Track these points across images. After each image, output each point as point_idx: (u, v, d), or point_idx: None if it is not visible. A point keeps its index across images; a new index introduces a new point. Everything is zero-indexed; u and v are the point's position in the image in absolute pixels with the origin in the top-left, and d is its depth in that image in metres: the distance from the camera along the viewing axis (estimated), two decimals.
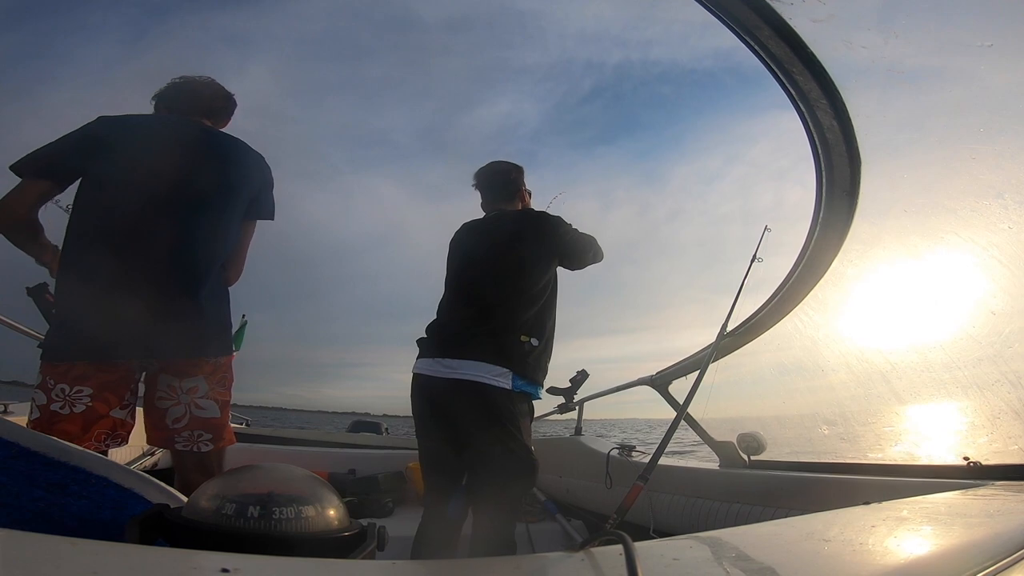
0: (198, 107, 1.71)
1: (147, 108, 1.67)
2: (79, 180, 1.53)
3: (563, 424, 3.64)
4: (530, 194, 2.23)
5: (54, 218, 1.59)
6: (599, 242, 2.14)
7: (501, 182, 2.17)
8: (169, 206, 1.54)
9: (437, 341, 1.87)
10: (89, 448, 1.36)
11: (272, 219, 1.81)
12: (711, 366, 2.10)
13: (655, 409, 2.67)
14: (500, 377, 1.71)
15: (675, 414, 2.05)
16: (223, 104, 1.77)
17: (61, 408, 1.38)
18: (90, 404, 1.41)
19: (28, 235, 1.54)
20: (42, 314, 1.94)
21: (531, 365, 1.79)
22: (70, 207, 1.59)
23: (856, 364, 2.02)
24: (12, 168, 1.47)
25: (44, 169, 1.49)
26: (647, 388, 2.69)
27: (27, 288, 1.94)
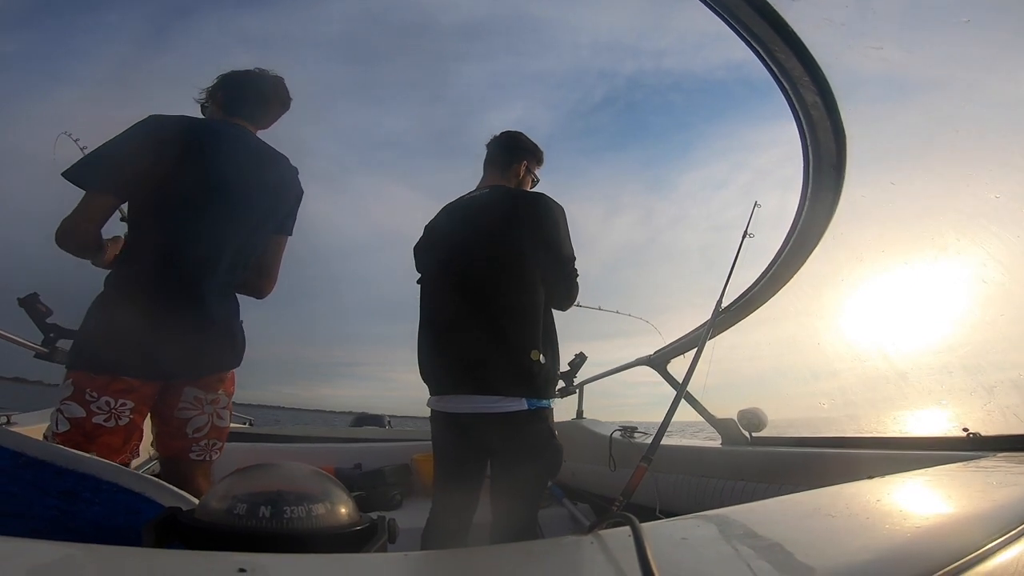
0: (257, 113, 1.70)
1: (159, 108, 1.60)
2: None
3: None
4: (534, 181, 1.99)
5: None
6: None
7: (502, 145, 1.95)
8: (212, 218, 1.53)
9: (436, 373, 1.75)
10: (123, 460, 1.36)
11: (291, 235, 1.80)
12: (708, 345, 2.11)
13: (651, 413, 2.66)
14: (514, 403, 1.58)
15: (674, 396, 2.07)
16: (274, 116, 1.76)
17: (106, 421, 1.35)
18: (131, 418, 1.40)
19: (96, 250, 1.52)
20: (36, 324, 1.92)
21: (541, 386, 1.63)
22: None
23: (861, 370, 2.04)
24: (70, 177, 1.42)
25: (109, 183, 1.44)
26: (644, 390, 2.70)
27: (18, 299, 1.92)
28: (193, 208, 1.50)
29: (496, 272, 1.67)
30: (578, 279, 1.78)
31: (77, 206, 1.42)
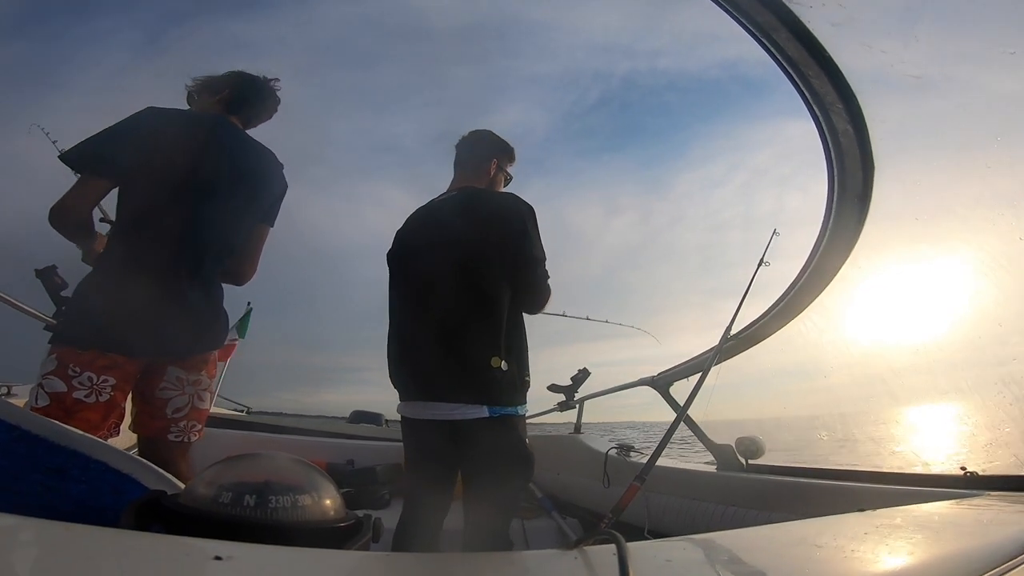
0: (252, 117, 1.78)
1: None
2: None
3: (562, 427, 3.63)
4: (506, 179, 1.94)
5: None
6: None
7: (470, 145, 1.91)
8: (201, 205, 1.57)
9: (403, 379, 1.72)
10: (100, 437, 1.38)
11: (273, 226, 1.85)
12: (712, 370, 2.09)
13: (653, 412, 2.66)
14: (473, 410, 1.54)
15: (674, 416, 2.05)
16: (261, 122, 1.83)
17: (87, 396, 1.37)
18: (112, 395, 1.41)
19: (87, 233, 1.55)
20: (50, 296, 1.95)
21: (507, 392, 1.57)
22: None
23: (858, 368, 2.01)
24: (66, 160, 1.47)
25: (103, 167, 1.48)
26: (646, 390, 2.69)
27: (36, 270, 1.95)
28: (184, 194, 1.54)
29: (458, 278, 1.62)
30: (549, 281, 1.73)
31: (71, 188, 1.46)
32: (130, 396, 1.54)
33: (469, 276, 1.62)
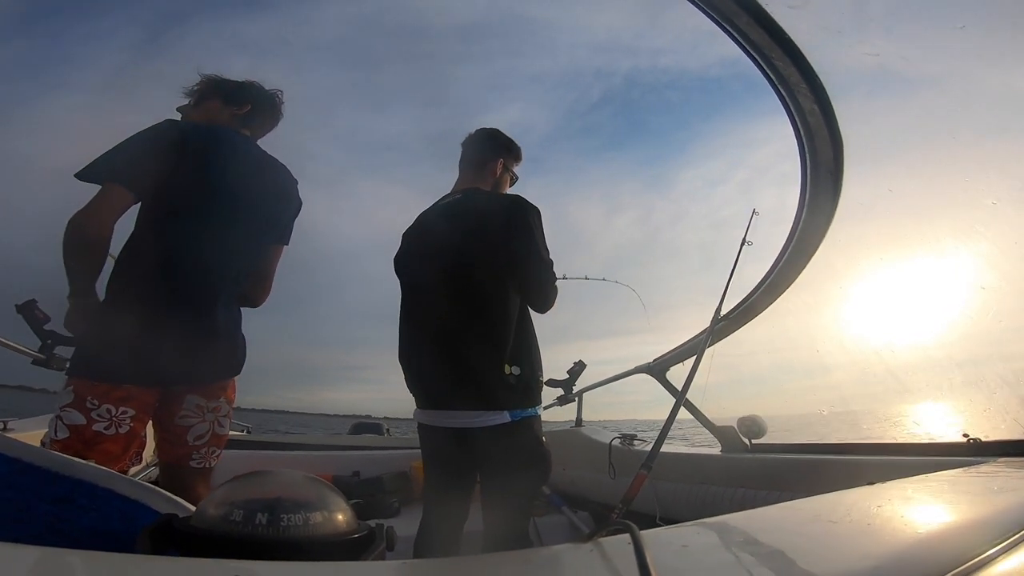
0: (261, 129, 1.75)
1: (155, 114, 1.58)
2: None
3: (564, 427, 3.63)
4: (512, 180, 1.92)
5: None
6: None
7: (476, 144, 1.87)
8: (222, 228, 1.53)
9: (418, 387, 1.71)
10: (121, 468, 1.34)
11: (288, 245, 1.81)
12: (707, 351, 2.11)
13: (653, 410, 2.67)
14: (495, 416, 1.53)
15: (674, 402, 2.06)
16: (269, 130, 1.80)
17: (106, 428, 1.33)
18: (132, 426, 1.38)
19: (101, 254, 1.41)
20: (33, 331, 1.92)
21: (521, 395, 1.57)
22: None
23: (858, 365, 2.03)
24: (85, 175, 1.38)
25: (124, 176, 1.39)
26: (646, 387, 2.70)
27: (16, 305, 1.92)
28: (207, 215, 1.50)
29: (465, 283, 1.61)
30: (556, 283, 1.70)
31: (92, 198, 1.37)
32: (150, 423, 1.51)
33: (476, 280, 1.61)
